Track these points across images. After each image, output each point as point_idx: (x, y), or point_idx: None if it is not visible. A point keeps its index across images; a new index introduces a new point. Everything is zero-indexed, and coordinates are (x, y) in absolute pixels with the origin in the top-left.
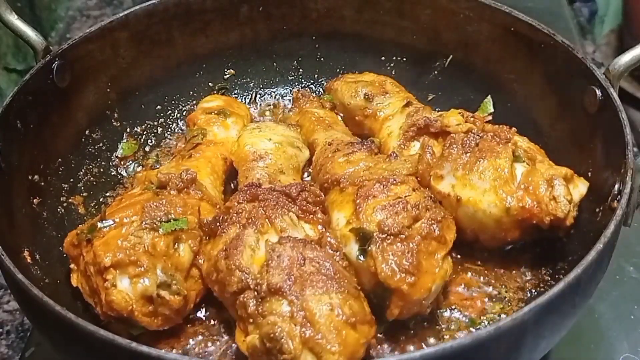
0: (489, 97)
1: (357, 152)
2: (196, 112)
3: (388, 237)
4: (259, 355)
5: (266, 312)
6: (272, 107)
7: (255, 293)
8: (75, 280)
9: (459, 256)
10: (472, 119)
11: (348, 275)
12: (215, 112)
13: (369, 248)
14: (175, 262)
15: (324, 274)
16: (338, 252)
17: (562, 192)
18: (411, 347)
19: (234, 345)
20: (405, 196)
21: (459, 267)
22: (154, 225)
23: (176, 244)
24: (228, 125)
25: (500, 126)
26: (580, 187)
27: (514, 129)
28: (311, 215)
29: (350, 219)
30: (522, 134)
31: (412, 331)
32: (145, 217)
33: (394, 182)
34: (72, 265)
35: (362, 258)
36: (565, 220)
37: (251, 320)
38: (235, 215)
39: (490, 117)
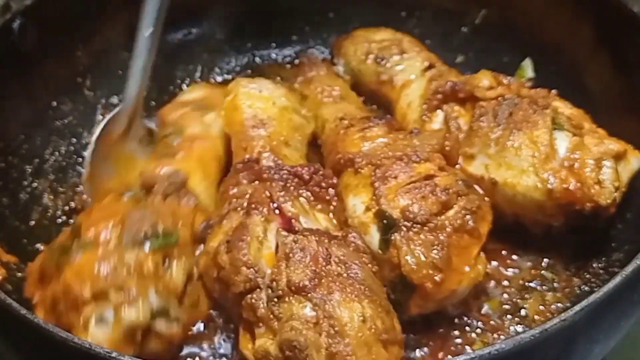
0: (527, 59)
1: (375, 127)
2: (169, 106)
3: (414, 225)
4: None
5: (283, 314)
6: (271, 74)
7: (270, 291)
8: (41, 316)
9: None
10: (505, 82)
11: (378, 283)
12: (191, 106)
13: (393, 237)
14: (166, 284)
15: (353, 278)
16: (366, 255)
17: (610, 176)
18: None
19: None
20: (433, 177)
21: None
22: (138, 241)
23: (166, 261)
24: (206, 122)
25: (537, 90)
26: (632, 163)
27: (553, 91)
28: (325, 204)
29: (369, 204)
30: (568, 100)
31: (440, 330)
32: (127, 231)
33: (417, 159)
34: (35, 299)
35: (384, 248)
36: (607, 208)
37: (261, 324)
38: (235, 199)
39: (529, 84)
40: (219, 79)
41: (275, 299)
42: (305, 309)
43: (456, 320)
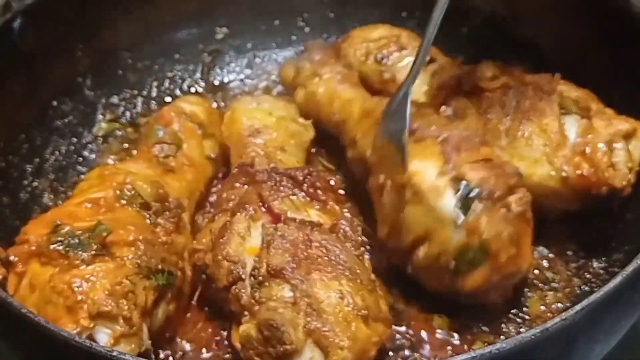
0: (526, 60)
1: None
2: (170, 111)
3: (493, 197)
4: (254, 347)
5: (264, 298)
6: (271, 74)
7: (252, 279)
8: (11, 287)
9: None
10: (508, 66)
11: (362, 265)
12: (196, 123)
13: (474, 203)
14: (153, 324)
15: (333, 259)
16: (352, 242)
17: (623, 157)
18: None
19: None
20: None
21: None
22: (148, 272)
23: (158, 302)
24: (203, 147)
25: (541, 75)
26: None
27: (557, 75)
28: (321, 204)
29: (443, 169)
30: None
31: (440, 330)
32: (141, 257)
33: (479, 140)
34: (18, 267)
35: (463, 211)
36: (622, 190)
37: (246, 312)
38: (226, 202)
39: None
40: (219, 79)
41: (257, 285)
42: (284, 290)
43: (456, 320)
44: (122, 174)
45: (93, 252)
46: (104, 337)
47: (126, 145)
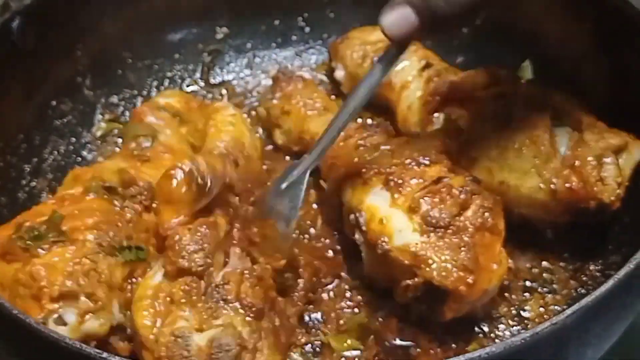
0: (527, 61)
1: (374, 135)
2: (143, 107)
3: (437, 230)
4: None
5: None
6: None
7: None
8: None
9: None
10: (503, 74)
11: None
12: (170, 112)
13: (417, 244)
14: (127, 300)
15: None
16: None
17: (612, 173)
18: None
19: None
20: (443, 179)
21: None
22: (112, 250)
23: (130, 278)
24: (181, 134)
25: (535, 85)
26: (634, 154)
27: (551, 86)
28: None
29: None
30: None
31: (436, 331)
32: (103, 237)
33: (427, 162)
34: None
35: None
36: (611, 205)
37: None
38: None
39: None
40: (219, 78)
41: None
42: None
43: (453, 322)
44: (92, 170)
45: (51, 240)
46: (71, 316)
47: None
